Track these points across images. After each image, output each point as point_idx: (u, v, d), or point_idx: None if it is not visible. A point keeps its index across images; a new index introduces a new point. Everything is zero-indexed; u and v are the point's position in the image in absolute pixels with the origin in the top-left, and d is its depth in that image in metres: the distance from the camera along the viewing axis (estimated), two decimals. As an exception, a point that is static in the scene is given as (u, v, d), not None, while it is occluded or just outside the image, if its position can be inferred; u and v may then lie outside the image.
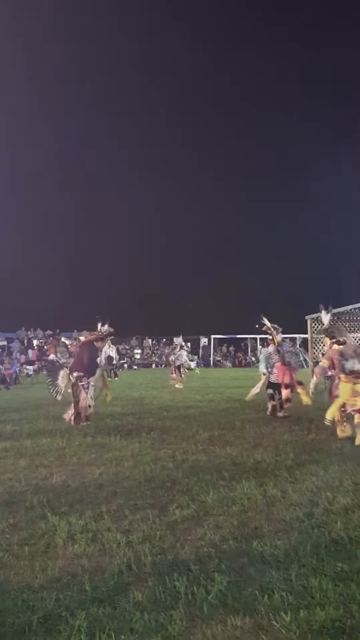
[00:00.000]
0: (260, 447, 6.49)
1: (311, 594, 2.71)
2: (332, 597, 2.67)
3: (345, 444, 6.59)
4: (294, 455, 5.94)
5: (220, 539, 3.47)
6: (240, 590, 2.78)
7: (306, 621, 2.46)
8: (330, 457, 5.79)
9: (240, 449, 6.38)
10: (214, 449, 6.44)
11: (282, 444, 6.70)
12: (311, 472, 5.14)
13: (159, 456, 6.03)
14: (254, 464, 5.59)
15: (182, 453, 6.19)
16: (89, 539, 3.53)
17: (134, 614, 2.57)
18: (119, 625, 2.48)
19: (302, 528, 3.64)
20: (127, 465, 5.59)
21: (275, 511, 4.02)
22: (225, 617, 2.52)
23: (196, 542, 3.46)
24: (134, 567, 3.08)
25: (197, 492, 4.52)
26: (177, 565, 3.10)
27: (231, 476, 5.03)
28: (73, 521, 3.85)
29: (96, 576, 2.99)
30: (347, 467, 5.31)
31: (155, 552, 3.30)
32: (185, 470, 5.31)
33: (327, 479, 4.89)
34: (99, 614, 2.57)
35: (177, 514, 3.97)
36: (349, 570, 2.97)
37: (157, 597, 2.73)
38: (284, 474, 5.09)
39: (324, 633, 2.38)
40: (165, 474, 5.20)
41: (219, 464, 5.63)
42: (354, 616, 2.50)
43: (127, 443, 6.87)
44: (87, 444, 6.88)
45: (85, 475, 5.21)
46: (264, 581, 2.87)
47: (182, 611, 2.58)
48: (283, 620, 2.46)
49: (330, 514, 3.93)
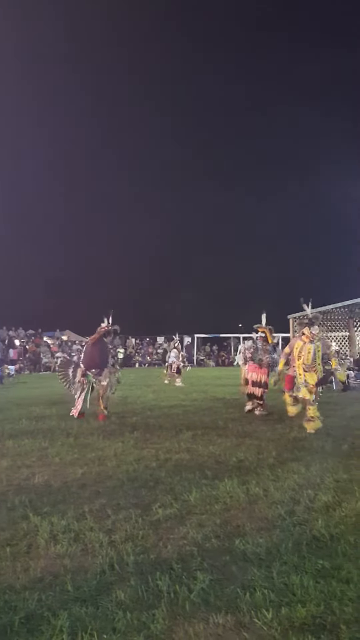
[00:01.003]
0: (243, 446, 6.53)
1: (292, 591, 2.74)
2: (313, 594, 2.70)
3: (326, 442, 6.65)
4: (276, 454, 5.98)
5: (203, 538, 3.48)
6: (222, 588, 2.79)
7: (287, 618, 2.48)
8: (312, 455, 5.84)
9: (223, 448, 6.41)
10: (197, 447, 6.46)
11: (265, 442, 6.74)
12: (293, 470, 5.19)
13: (142, 455, 6.03)
14: (237, 462, 5.62)
15: (165, 452, 6.19)
16: (72, 539, 3.52)
17: (116, 613, 2.57)
18: (101, 624, 2.48)
19: (284, 526, 3.66)
20: (110, 465, 5.58)
21: (258, 509, 4.05)
22: (207, 615, 2.53)
23: (179, 540, 3.47)
24: (117, 567, 3.08)
25: (180, 491, 4.53)
26: (160, 564, 3.11)
27: (214, 475, 5.05)
28: (55, 521, 3.83)
29: (78, 576, 2.98)
30: (328, 465, 5.36)
31: (138, 551, 3.30)
32: (168, 470, 5.32)
33: (308, 476, 4.93)
34: (81, 614, 2.57)
35: (160, 513, 3.98)
36: (329, 567, 3.00)
37: (140, 596, 2.73)
38: (266, 472, 5.12)
39: (305, 630, 2.40)
40: (148, 473, 5.20)
41: (202, 462, 5.64)
42: (335, 612, 2.52)
43: (110, 443, 6.86)
44: (70, 443, 6.85)
45: (67, 475, 5.19)
46: (246, 579, 2.89)
47: (165, 610, 2.59)
48: (264, 618, 2.48)
49: (311, 511, 3.96)
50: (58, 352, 33.47)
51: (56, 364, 10.91)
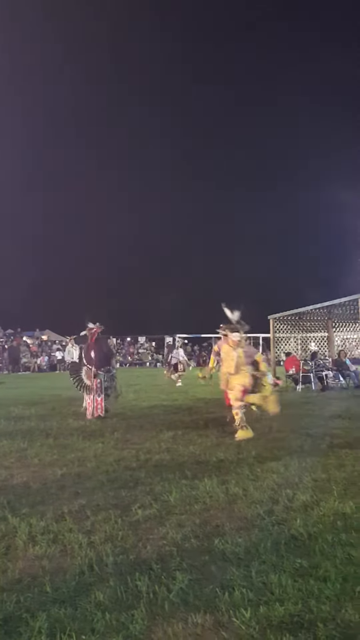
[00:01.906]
0: (223, 446, 6.55)
1: (271, 590, 2.76)
2: (291, 593, 2.72)
3: (305, 441, 6.70)
4: (255, 453, 6.01)
5: (182, 538, 3.49)
6: (201, 588, 2.80)
7: (265, 617, 2.50)
8: (291, 455, 5.88)
9: (204, 448, 6.43)
10: (178, 448, 6.47)
11: (245, 441, 6.78)
12: (272, 469, 5.22)
13: (122, 456, 6.02)
14: (217, 462, 5.64)
15: (145, 453, 6.19)
16: (50, 540, 3.50)
17: (95, 614, 2.56)
18: (80, 625, 2.48)
19: (263, 525, 3.69)
20: (89, 466, 5.56)
21: (237, 509, 4.07)
22: (186, 615, 2.54)
23: (158, 541, 3.47)
24: (96, 568, 3.08)
25: (159, 492, 4.53)
26: (139, 565, 3.11)
27: (194, 475, 5.06)
28: (34, 522, 3.81)
29: (57, 577, 2.97)
30: (307, 464, 5.41)
31: (117, 552, 3.30)
32: (148, 470, 5.32)
33: (287, 476, 4.97)
34: (60, 615, 2.56)
35: (140, 514, 3.98)
36: (307, 566, 3.03)
37: (119, 597, 2.73)
38: (245, 471, 5.15)
39: (282, 628, 2.42)
40: (128, 474, 5.20)
41: (182, 462, 5.66)
42: (312, 611, 2.55)
43: (90, 443, 6.84)
44: (49, 444, 6.81)
45: (46, 477, 5.16)
46: (225, 578, 2.90)
47: (144, 610, 2.59)
48: (243, 617, 2.49)
49: (290, 511, 4.00)
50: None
51: (68, 366, 11.09)
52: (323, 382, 15.26)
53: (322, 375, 15.40)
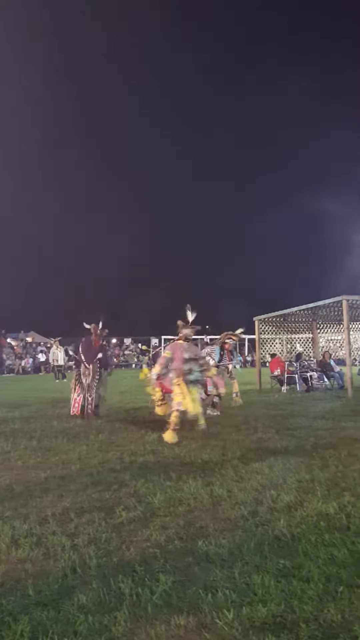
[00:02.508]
0: (207, 447, 6.56)
1: (254, 590, 2.77)
2: (274, 593, 2.73)
3: (290, 442, 6.73)
4: (240, 454, 6.03)
5: (166, 540, 3.49)
6: (184, 590, 2.80)
7: (248, 618, 2.51)
8: (275, 456, 5.91)
9: (188, 449, 6.43)
10: (163, 449, 6.46)
11: (230, 443, 6.79)
12: (256, 470, 5.24)
13: (106, 458, 6.00)
14: (202, 463, 5.64)
15: (130, 454, 6.18)
16: (33, 543, 3.48)
17: (77, 616, 2.55)
18: (62, 628, 2.47)
19: (247, 526, 3.70)
20: (74, 469, 5.54)
21: (221, 510, 4.07)
22: (169, 617, 2.54)
23: (142, 543, 3.46)
24: (79, 570, 3.06)
25: (144, 494, 4.52)
26: (123, 567, 3.10)
27: (178, 476, 5.06)
28: (17, 526, 3.79)
29: (40, 580, 2.95)
30: (291, 465, 5.43)
31: (101, 554, 3.29)
32: (133, 472, 5.31)
33: (271, 477, 4.99)
34: (43, 618, 2.55)
35: (124, 516, 3.97)
36: (290, 567, 3.04)
37: (102, 599, 2.72)
38: (230, 473, 5.16)
39: (265, 629, 2.43)
40: (112, 476, 5.19)
41: (166, 464, 5.65)
42: (295, 611, 2.56)
43: (75, 446, 6.81)
44: (33, 447, 6.77)
45: (30, 479, 5.13)
46: (208, 580, 2.90)
47: (127, 612, 2.58)
48: (226, 618, 2.49)
49: (274, 511, 4.01)
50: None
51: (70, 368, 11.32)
52: (308, 383, 15.35)
53: (307, 376, 15.49)
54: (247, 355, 41.68)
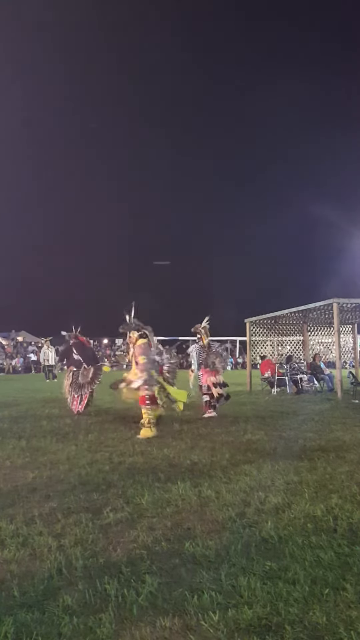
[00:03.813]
0: (197, 448, 6.55)
1: (240, 592, 2.76)
2: (260, 596, 2.72)
3: (279, 444, 6.74)
4: (229, 456, 6.03)
5: (153, 541, 3.48)
6: (170, 591, 2.79)
7: (234, 620, 2.50)
8: (264, 457, 5.91)
9: (177, 450, 6.42)
10: (152, 450, 6.45)
11: (219, 444, 6.79)
12: (245, 472, 5.24)
13: (95, 459, 5.98)
14: (190, 465, 5.64)
15: (119, 455, 6.17)
16: (20, 543, 3.46)
17: (62, 618, 2.53)
18: (47, 630, 2.45)
19: (234, 528, 3.69)
20: (62, 469, 5.51)
21: (209, 512, 4.07)
22: (154, 619, 2.53)
23: (129, 544, 3.45)
24: (65, 571, 3.04)
25: (132, 495, 4.51)
26: (109, 568, 3.09)
27: (167, 478, 5.05)
28: (3, 526, 3.77)
29: (25, 581, 2.94)
30: (279, 467, 5.44)
31: (87, 555, 3.27)
32: (121, 473, 5.29)
33: (260, 478, 4.99)
34: (27, 619, 2.53)
35: (111, 517, 3.96)
36: (277, 569, 3.03)
37: (87, 601, 2.71)
38: (218, 474, 5.16)
39: (250, 631, 2.42)
40: (100, 476, 5.17)
41: (155, 465, 5.64)
42: (280, 613, 2.56)
43: (63, 446, 6.78)
44: (22, 447, 6.74)
45: (17, 479, 5.10)
46: (194, 581, 2.90)
47: (112, 614, 2.57)
48: (211, 620, 2.49)
49: (261, 513, 4.01)
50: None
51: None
52: (298, 386, 15.39)
53: (297, 378, 15.53)
54: (237, 357, 41.75)
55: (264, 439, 7.23)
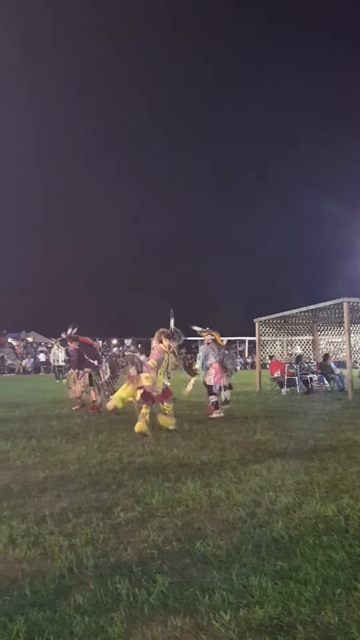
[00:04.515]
0: (206, 448, 6.55)
1: (251, 592, 2.75)
2: (271, 596, 2.72)
3: (289, 444, 6.73)
4: (239, 456, 6.02)
5: (164, 541, 3.48)
6: (181, 591, 2.79)
7: (245, 619, 2.50)
8: (274, 457, 5.90)
9: (187, 450, 6.42)
10: (161, 450, 6.46)
11: (228, 444, 6.79)
12: (255, 472, 5.23)
13: (105, 459, 6.00)
14: (200, 465, 5.64)
15: (129, 455, 6.18)
16: (31, 542, 3.47)
17: (74, 617, 2.54)
18: (58, 629, 2.46)
19: (244, 528, 3.69)
20: (72, 469, 5.53)
21: (219, 511, 4.06)
22: (165, 618, 2.53)
23: (139, 544, 3.45)
24: (76, 571, 3.05)
25: (142, 494, 4.52)
26: (120, 568, 3.09)
27: (177, 477, 5.05)
28: (15, 525, 3.78)
29: (37, 580, 2.95)
30: (290, 467, 5.42)
31: (98, 554, 3.28)
32: (131, 473, 5.30)
33: (270, 478, 4.98)
34: (39, 618, 2.54)
35: (122, 517, 3.96)
36: (288, 569, 3.03)
37: (98, 600, 2.71)
38: (228, 474, 5.15)
39: (262, 631, 2.42)
40: (111, 476, 5.18)
41: (165, 465, 5.64)
42: (292, 613, 2.55)
43: (74, 446, 6.80)
44: (32, 447, 6.77)
45: (28, 479, 5.12)
46: (205, 581, 2.89)
47: (123, 613, 2.57)
48: (222, 620, 2.48)
49: (272, 513, 4.00)
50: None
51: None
52: (308, 385, 15.33)
53: (307, 378, 15.47)
54: (247, 357, 41.68)
55: (274, 439, 7.21)
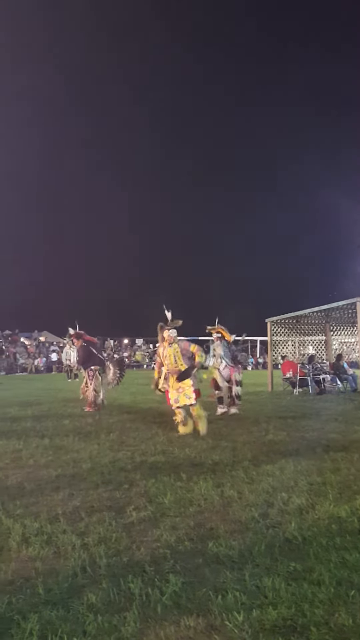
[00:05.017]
0: (218, 448, 6.54)
1: (264, 593, 2.74)
2: (285, 597, 2.71)
3: (301, 445, 6.70)
4: (251, 456, 6.00)
5: (176, 540, 3.48)
6: (194, 591, 2.79)
7: (258, 620, 2.49)
8: (287, 458, 5.87)
9: (199, 450, 6.41)
10: (173, 450, 6.45)
11: (240, 444, 6.77)
12: (267, 472, 5.21)
13: (117, 458, 6.01)
14: (212, 464, 5.62)
15: (141, 454, 6.18)
16: (44, 541, 3.48)
17: (87, 616, 2.55)
18: (71, 627, 2.46)
19: (257, 528, 3.67)
20: (84, 467, 5.54)
21: (232, 512, 4.05)
22: (178, 618, 2.53)
23: (152, 543, 3.46)
24: (89, 569, 3.06)
25: (154, 494, 4.52)
26: (132, 567, 3.09)
27: (189, 477, 5.04)
28: (28, 524, 3.80)
29: (50, 579, 2.96)
30: (302, 468, 5.40)
31: (111, 553, 3.29)
32: (143, 472, 5.30)
33: (283, 479, 4.96)
34: (52, 617, 2.55)
35: (134, 516, 3.96)
36: (301, 570, 3.01)
37: (111, 599, 2.71)
38: (241, 474, 5.13)
39: (275, 632, 2.41)
40: (123, 475, 5.19)
41: (177, 465, 5.64)
42: (305, 615, 2.53)
43: (86, 445, 6.82)
44: (45, 445, 6.79)
45: (41, 478, 5.14)
46: (218, 581, 2.89)
47: (136, 613, 2.57)
48: (236, 620, 2.48)
49: (285, 514, 3.98)
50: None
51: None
52: (320, 386, 15.25)
53: (320, 378, 15.39)
54: (258, 357, 41.57)
55: (286, 439, 7.18)
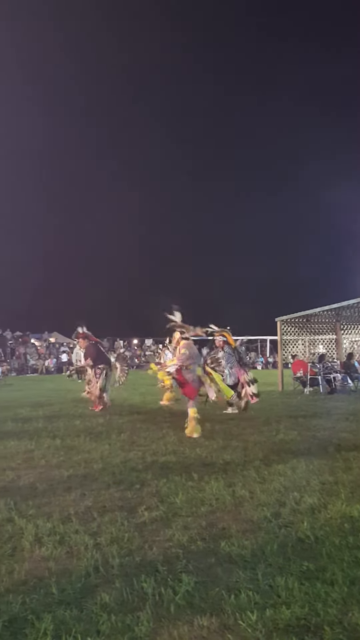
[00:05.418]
0: (229, 448, 6.53)
1: (277, 592, 2.74)
2: (298, 596, 2.70)
3: (313, 444, 6.67)
4: (262, 456, 5.99)
5: (188, 540, 3.48)
6: (207, 591, 2.79)
7: (272, 620, 2.49)
8: (298, 457, 5.86)
9: (210, 450, 6.41)
10: (184, 450, 6.46)
11: (251, 444, 6.76)
12: (279, 472, 5.20)
13: (128, 458, 6.02)
14: (223, 464, 5.62)
15: (152, 454, 6.19)
16: (57, 541, 3.50)
17: (100, 615, 2.55)
18: (85, 627, 2.47)
19: (269, 528, 3.67)
20: (96, 467, 5.56)
21: (243, 511, 4.05)
22: (192, 618, 2.53)
23: (164, 543, 3.46)
24: (102, 569, 3.07)
25: (166, 494, 4.52)
26: (145, 567, 3.10)
27: (200, 477, 5.05)
28: (40, 524, 3.82)
29: (63, 579, 2.97)
30: (314, 467, 5.38)
31: (123, 553, 3.30)
32: (154, 472, 5.31)
33: (294, 479, 4.95)
34: (66, 617, 2.56)
35: (146, 516, 3.97)
36: (314, 569, 3.01)
37: (125, 599, 2.72)
38: (252, 474, 5.13)
39: (289, 631, 2.40)
40: (134, 475, 5.19)
41: (188, 464, 5.64)
42: (319, 614, 2.53)
43: (97, 445, 6.84)
44: (56, 446, 6.82)
45: (53, 478, 5.16)
46: (231, 581, 2.89)
47: (149, 612, 2.58)
48: (249, 620, 2.48)
49: (297, 513, 3.98)
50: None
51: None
52: (331, 385, 15.19)
53: (331, 377, 15.33)
54: (268, 357, 41.45)
55: (297, 439, 7.16)
